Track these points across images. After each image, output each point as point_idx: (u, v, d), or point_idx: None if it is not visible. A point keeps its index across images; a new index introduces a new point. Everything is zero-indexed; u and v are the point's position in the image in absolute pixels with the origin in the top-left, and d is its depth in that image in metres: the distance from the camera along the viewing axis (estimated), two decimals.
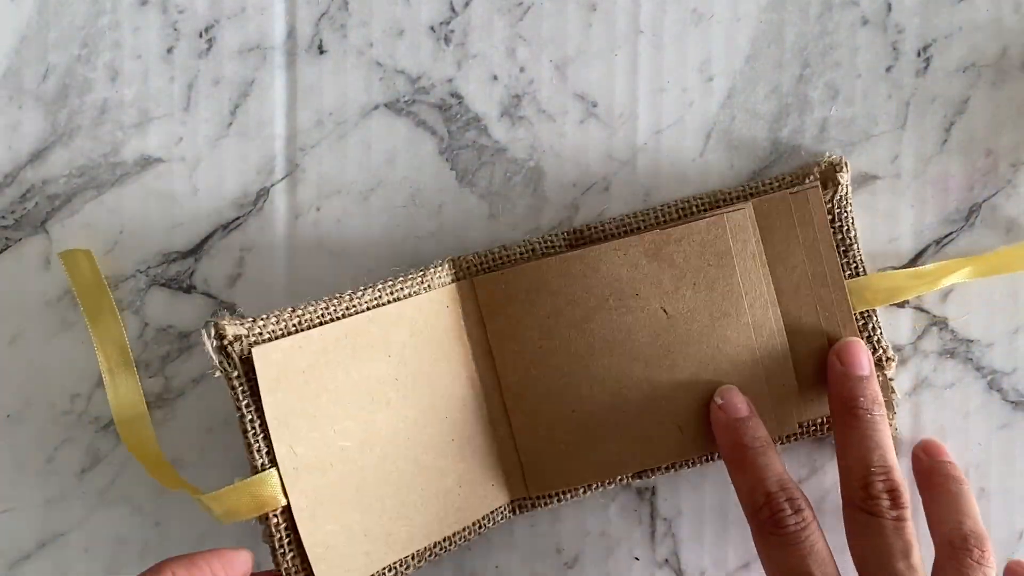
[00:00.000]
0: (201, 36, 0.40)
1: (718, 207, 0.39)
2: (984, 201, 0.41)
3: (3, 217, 0.40)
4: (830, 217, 0.39)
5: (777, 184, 0.40)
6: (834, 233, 0.39)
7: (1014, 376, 0.42)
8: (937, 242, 0.41)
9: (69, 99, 0.40)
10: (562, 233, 0.40)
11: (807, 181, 0.39)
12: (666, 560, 0.42)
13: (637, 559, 0.42)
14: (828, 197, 0.39)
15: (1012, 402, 0.42)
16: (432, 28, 0.40)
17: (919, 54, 0.41)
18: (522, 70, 0.41)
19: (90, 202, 0.40)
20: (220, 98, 0.40)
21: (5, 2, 0.39)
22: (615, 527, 0.42)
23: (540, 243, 0.39)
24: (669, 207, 0.40)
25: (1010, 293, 0.41)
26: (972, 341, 0.42)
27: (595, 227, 0.40)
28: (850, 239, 0.40)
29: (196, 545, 0.40)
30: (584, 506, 0.42)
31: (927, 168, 0.41)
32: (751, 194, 0.40)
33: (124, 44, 0.40)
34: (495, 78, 0.41)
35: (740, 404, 0.38)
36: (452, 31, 0.40)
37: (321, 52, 0.40)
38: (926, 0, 0.41)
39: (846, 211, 0.39)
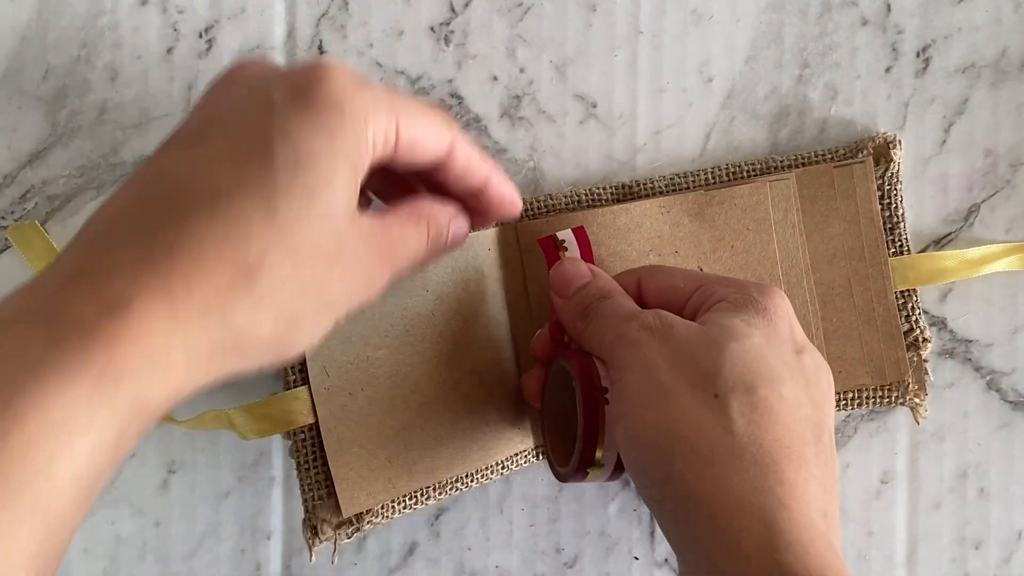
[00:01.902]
0: (201, 36, 0.40)
1: (767, 173, 0.40)
2: (983, 201, 0.41)
3: (3, 217, 0.40)
4: (879, 194, 0.40)
5: (830, 156, 0.40)
6: (882, 210, 0.40)
7: (1013, 376, 0.42)
8: (936, 242, 0.41)
9: (69, 99, 0.40)
10: (609, 186, 0.40)
11: (860, 155, 0.40)
12: (665, 560, 0.42)
13: (636, 559, 0.42)
14: (879, 173, 0.40)
15: (1011, 402, 0.42)
16: (432, 28, 0.40)
17: (918, 55, 0.41)
18: (522, 70, 0.41)
19: (90, 202, 0.40)
20: None
21: (5, 2, 0.39)
22: (614, 527, 0.42)
23: (586, 194, 0.40)
24: (720, 169, 0.40)
25: (1009, 293, 0.41)
26: (971, 341, 0.42)
27: (643, 183, 0.40)
28: (897, 217, 0.40)
29: (196, 545, 0.40)
30: (584, 506, 0.42)
31: (926, 168, 0.41)
32: (802, 163, 0.40)
33: (124, 44, 0.40)
34: (495, 78, 0.41)
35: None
36: (452, 31, 0.40)
37: (321, 52, 0.40)
38: (925, 1, 0.41)
39: (896, 188, 0.40)
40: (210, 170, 0.27)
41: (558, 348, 0.36)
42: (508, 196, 0.34)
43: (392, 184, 0.34)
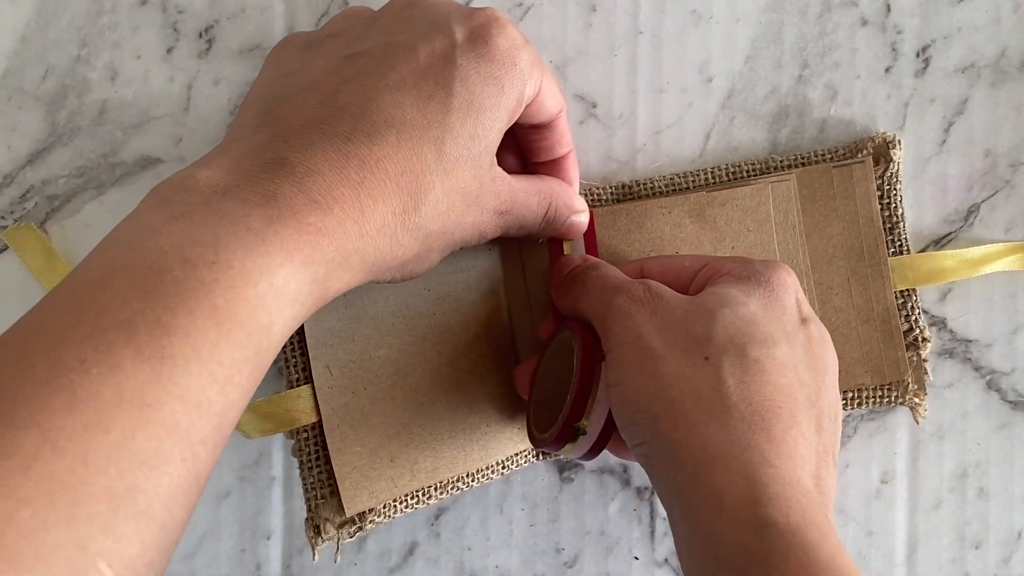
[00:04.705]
0: (201, 36, 0.40)
1: (767, 173, 0.40)
2: (983, 202, 0.41)
3: (3, 217, 0.40)
4: (879, 194, 0.40)
5: (830, 156, 0.40)
6: (882, 210, 0.40)
7: (1013, 376, 0.42)
8: (936, 242, 0.41)
9: (69, 99, 0.40)
10: (609, 186, 0.40)
11: (859, 155, 0.40)
12: (665, 559, 0.42)
13: (636, 559, 0.42)
14: (879, 173, 0.40)
15: (1011, 402, 0.42)
16: None
17: (918, 55, 0.41)
18: None
19: (90, 202, 0.40)
20: (220, 98, 0.40)
21: (5, 2, 0.39)
22: (615, 527, 0.42)
23: (587, 195, 0.40)
24: (719, 169, 0.40)
25: (1009, 293, 0.41)
26: (971, 341, 0.42)
27: (644, 183, 0.40)
28: (897, 216, 0.40)
29: (196, 545, 0.40)
30: (584, 506, 0.42)
31: (926, 169, 0.41)
32: (802, 163, 0.40)
33: (124, 44, 0.40)
34: None
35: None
36: None
37: None
38: (925, 1, 0.41)
39: (895, 188, 0.40)
40: (396, 97, 0.30)
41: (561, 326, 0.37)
42: (577, 175, 0.37)
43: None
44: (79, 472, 0.21)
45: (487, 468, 0.39)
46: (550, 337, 0.37)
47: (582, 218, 0.37)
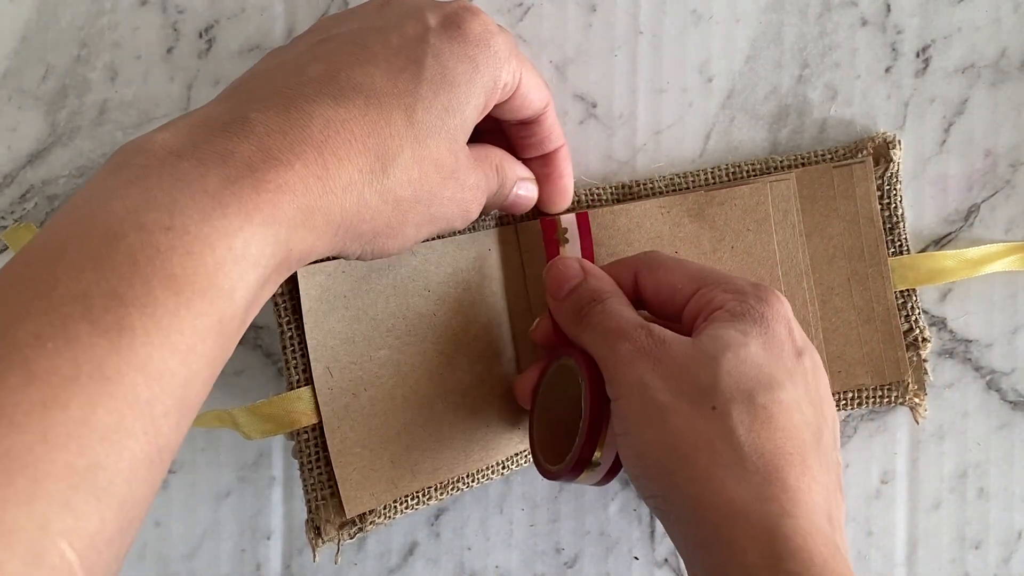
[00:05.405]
0: (201, 36, 0.40)
1: (767, 174, 0.40)
2: (983, 201, 0.41)
3: (3, 217, 0.40)
4: (879, 194, 0.40)
5: (830, 156, 0.40)
6: (882, 210, 0.40)
7: (1013, 376, 0.42)
8: (936, 242, 0.41)
9: (69, 99, 0.40)
10: (609, 186, 0.40)
11: (859, 155, 0.40)
12: (665, 560, 0.42)
13: (636, 558, 0.42)
14: (879, 173, 0.40)
15: (1011, 402, 0.42)
16: None
17: (918, 55, 0.41)
18: None
19: None
20: None
21: (5, 2, 0.39)
22: (614, 527, 0.42)
23: (586, 194, 0.40)
24: (719, 170, 0.40)
25: (1009, 293, 0.41)
26: (971, 341, 0.42)
27: (643, 183, 0.40)
28: (897, 217, 0.40)
29: (196, 545, 0.40)
30: (584, 506, 0.42)
31: (926, 169, 0.41)
32: (802, 163, 0.40)
33: (124, 44, 0.40)
34: None
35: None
36: None
37: None
38: (925, 1, 0.41)
39: (895, 188, 0.40)
40: (366, 69, 0.29)
41: (559, 338, 0.36)
42: (569, 169, 0.37)
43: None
44: (38, 449, 0.21)
45: (487, 468, 0.39)
46: (548, 355, 0.37)
47: (530, 189, 0.37)
